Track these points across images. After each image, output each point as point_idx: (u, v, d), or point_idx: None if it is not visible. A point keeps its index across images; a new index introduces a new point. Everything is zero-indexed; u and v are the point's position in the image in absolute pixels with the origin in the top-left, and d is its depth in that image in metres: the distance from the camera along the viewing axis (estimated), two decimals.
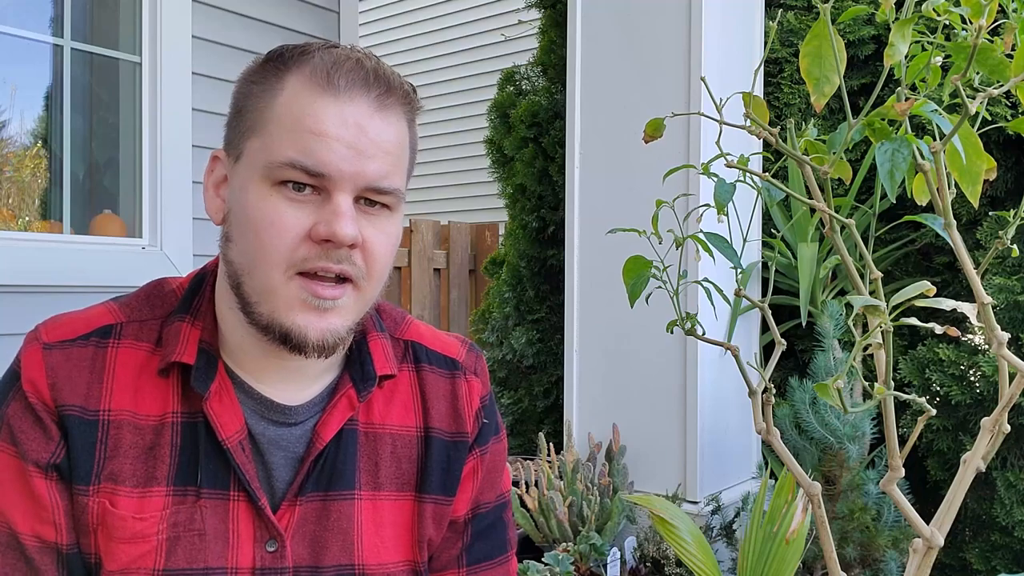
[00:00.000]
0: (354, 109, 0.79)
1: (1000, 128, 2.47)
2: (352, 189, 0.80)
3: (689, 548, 1.86)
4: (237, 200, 0.82)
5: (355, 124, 0.79)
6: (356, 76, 0.80)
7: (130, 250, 2.81)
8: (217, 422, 0.84)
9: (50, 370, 0.82)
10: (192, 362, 0.84)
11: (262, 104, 0.81)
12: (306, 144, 0.78)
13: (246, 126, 0.83)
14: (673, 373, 2.60)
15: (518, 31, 5.77)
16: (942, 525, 0.97)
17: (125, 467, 0.83)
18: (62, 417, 0.82)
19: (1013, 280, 2.46)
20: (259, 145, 0.81)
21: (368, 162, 0.79)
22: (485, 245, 4.71)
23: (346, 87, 0.79)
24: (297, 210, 0.79)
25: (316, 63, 0.80)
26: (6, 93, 2.77)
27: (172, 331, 0.86)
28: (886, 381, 0.89)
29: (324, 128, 0.78)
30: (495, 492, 1.01)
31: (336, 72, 0.79)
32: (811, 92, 0.86)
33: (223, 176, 0.87)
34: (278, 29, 3.23)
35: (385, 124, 0.81)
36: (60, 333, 0.84)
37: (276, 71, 0.82)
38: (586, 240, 2.79)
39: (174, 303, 0.89)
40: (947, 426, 2.58)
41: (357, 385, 0.90)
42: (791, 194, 0.95)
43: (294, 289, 0.80)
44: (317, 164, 0.78)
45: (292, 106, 0.79)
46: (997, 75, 0.87)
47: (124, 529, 0.82)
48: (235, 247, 0.83)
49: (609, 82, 2.75)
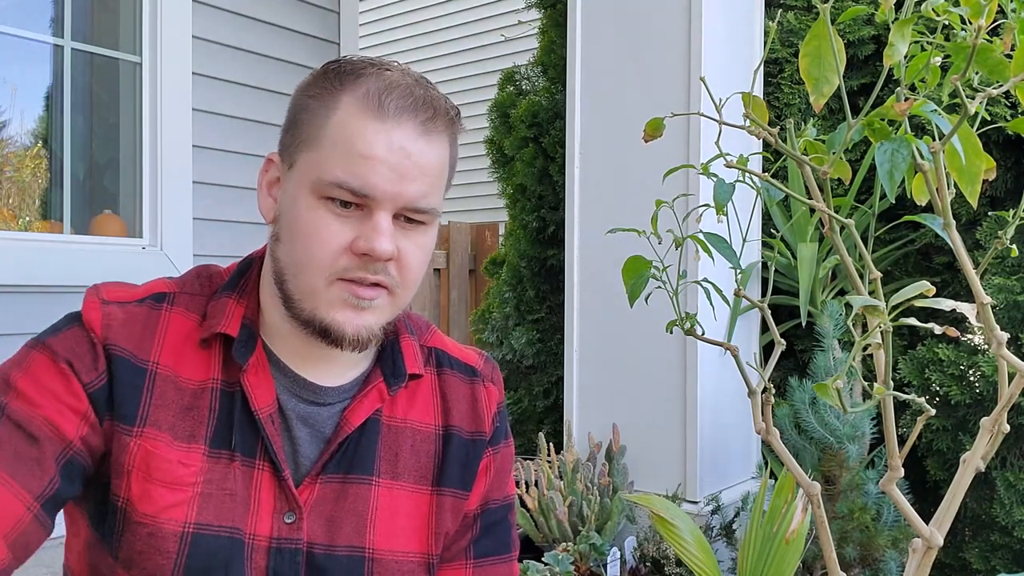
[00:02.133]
0: (400, 133, 0.85)
1: (1000, 128, 2.47)
2: (392, 208, 0.86)
3: (689, 548, 1.86)
4: (288, 206, 0.89)
5: (400, 148, 0.85)
6: (405, 102, 0.86)
7: (130, 250, 2.81)
8: (252, 393, 0.89)
9: (107, 316, 0.89)
10: (235, 334, 0.90)
11: (318, 120, 0.87)
12: (355, 167, 0.84)
13: (301, 138, 0.89)
14: (673, 373, 2.60)
15: (518, 31, 5.77)
16: (941, 525, 0.97)
17: (169, 419, 0.88)
18: (111, 357, 0.87)
19: (1012, 280, 2.46)
20: (312, 159, 0.87)
21: (409, 184, 0.85)
22: (485, 245, 4.71)
23: (395, 112, 0.85)
24: (341, 224, 0.85)
25: (369, 86, 0.86)
26: (7, 93, 2.77)
27: (219, 305, 0.92)
28: (885, 381, 0.89)
29: (372, 151, 0.84)
30: (503, 492, 1.06)
31: (388, 97, 0.85)
32: (810, 92, 0.86)
33: (276, 178, 0.93)
34: (278, 29, 3.23)
35: (428, 147, 0.87)
36: (119, 295, 0.91)
37: (332, 89, 0.88)
38: (586, 240, 2.79)
39: (219, 283, 0.96)
40: (947, 426, 2.58)
41: (388, 379, 0.96)
42: (791, 194, 0.95)
43: (335, 291, 0.86)
44: (363, 187, 0.84)
45: (345, 127, 0.85)
46: (996, 75, 0.87)
47: (168, 472, 0.86)
48: (283, 247, 0.89)
49: (609, 82, 2.75)
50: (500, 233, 4.57)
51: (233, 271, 0.96)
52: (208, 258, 0.99)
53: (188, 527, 0.86)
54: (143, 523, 0.85)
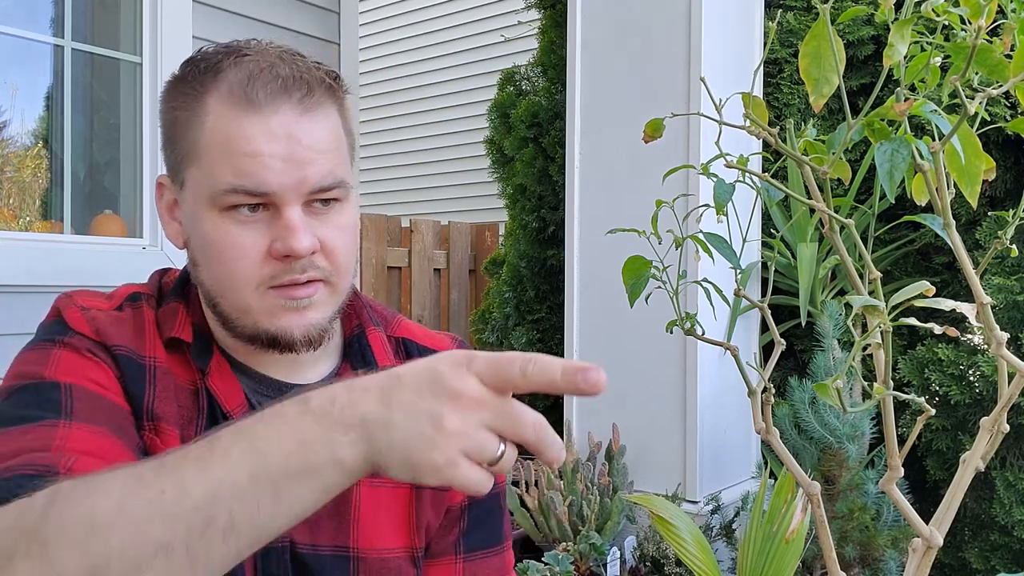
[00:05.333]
0: (280, 120, 0.79)
1: (999, 128, 2.47)
2: (298, 198, 0.81)
3: (689, 548, 1.86)
4: (193, 228, 0.85)
5: (285, 135, 0.79)
6: (275, 86, 0.80)
7: (130, 250, 2.81)
8: (220, 396, 0.87)
9: (93, 322, 0.85)
10: (189, 340, 0.87)
11: (191, 132, 0.82)
12: (242, 167, 0.79)
13: (181, 155, 0.84)
14: (673, 373, 2.60)
15: (518, 31, 5.77)
16: (941, 525, 0.97)
17: (171, 410, 0.85)
18: (115, 355, 0.84)
19: (1012, 280, 2.46)
20: (199, 174, 0.82)
21: (307, 168, 0.80)
22: (485, 245, 4.71)
23: (267, 99, 0.79)
24: (251, 232, 0.81)
25: (231, 79, 0.81)
26: (7, 93, 2.77)
27: (169, 310, 0.89)
28: (885, 381, 0.89)
29: (256, 147, 0.79)
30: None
31: (252, 86, 0.80)
32: (810, 92, 0.86)
33: (173, 200, 0.89)
34: (278, 29, 3.23)
35: (314, 124, 0.81)
36: (94, 304, 0.87)
37: (194, 94, 0.83)
38: (586, 240, 2.79)
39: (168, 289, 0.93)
40: (946, 426, 2.58)
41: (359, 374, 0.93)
42: (790, 194, 0.96)
43: (269, 299, 0.82)
44: (258, 185, 0.79)
45: (219, 131, 0.80)
46: (996, 75, 0.87)
47: None
48: (202, 271, 0.85)
49: (609, 82, 2.75)
50: (500, 233, 4.57)
51: (177, 277, 0.93)
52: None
53: None
54: None
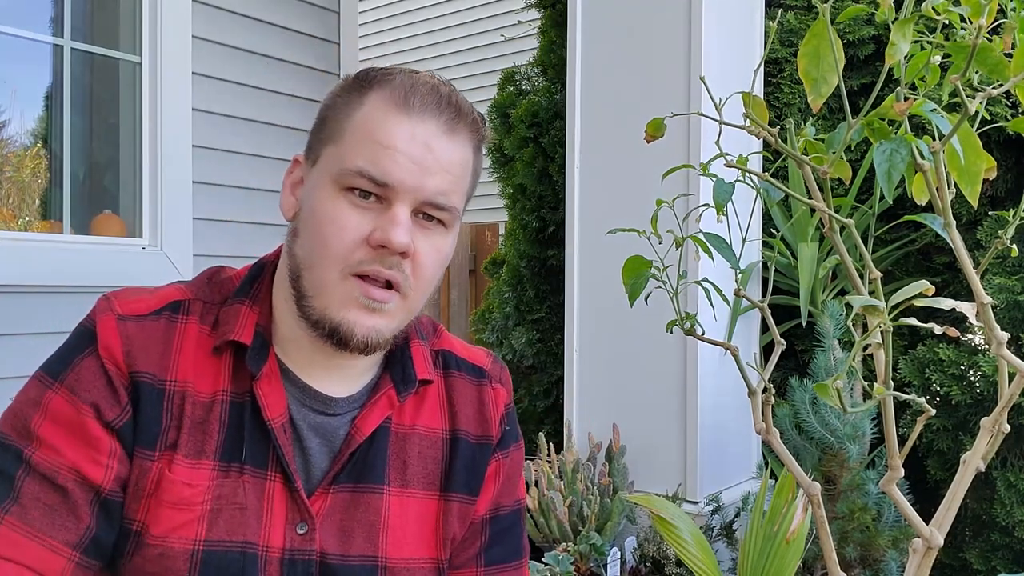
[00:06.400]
0: (424, 128, 0.86)
1: (1000, 128, 2.47)
2: (411, 202, 0.86)
3: (689, 548, 1.86)
4: (308, 199, 0.89)
5: (423, 142, 0.85)
6: (430, 99, 0.87)
7: (130, 250, 2.81)
8: (264, 402, 0.88)
9: (126, 339, 0.86)
10: (249, 342, 0.89)
11: (343, 116, 0.88)
12: (376, 155, 0.84)
13: (326, 135, 0.89)
14: (673, 373, 2.60)
15: (518, 31, 5.76)
16: (942, 525, 0.97)
17: (183, 437, 0.87)
18: (136, 384, 0.86)
19: (1013, 280, 2.46)
20: (335, 152, 0.87)
21: (430, 178, 0.85)
22: (485, 245, 4.71)
23: (419, 108, 0.86)
24: (360, 215, 0.85)
25: (396, 84, 0.87)
26: (6, 93, 2.77)
27: (231, 312, 0.91)
28: (886, 381, 0.89)
29: (394, 142, 0.84)
30: (513, 497, 1.05)
31: (413, 94, 0.86)
32: (808, 92, 0.86)
33: (300, 178, 0.93)
34: (278, 29, 3.22)
35: (451, 146, 0.87)
36: (134, 308, 0.89)
37: (360, 88, 0.89)
38: (586, 240, 2.79)
39: (231, 289, 0.94)
40: (947, 426, 2.58)
41: (398, 386, 0.95)
42: (791, 194, 0.95)
43: (348, 287, 0.85)
44: (383, 174, 0.84)
45: (369, 120, 0.86)
46: (997, 75, 0.87)
47: (172, 493, 0.85)
48: (300, 242, 0.89)
49: (609, 82, 2.75)
50: (500, 233, 4.57)
51: (245, 276, 0.95)
52: (208, 258, 0.97)
53: (199, 544, 0.85)
54: (154, 545, 0.84)
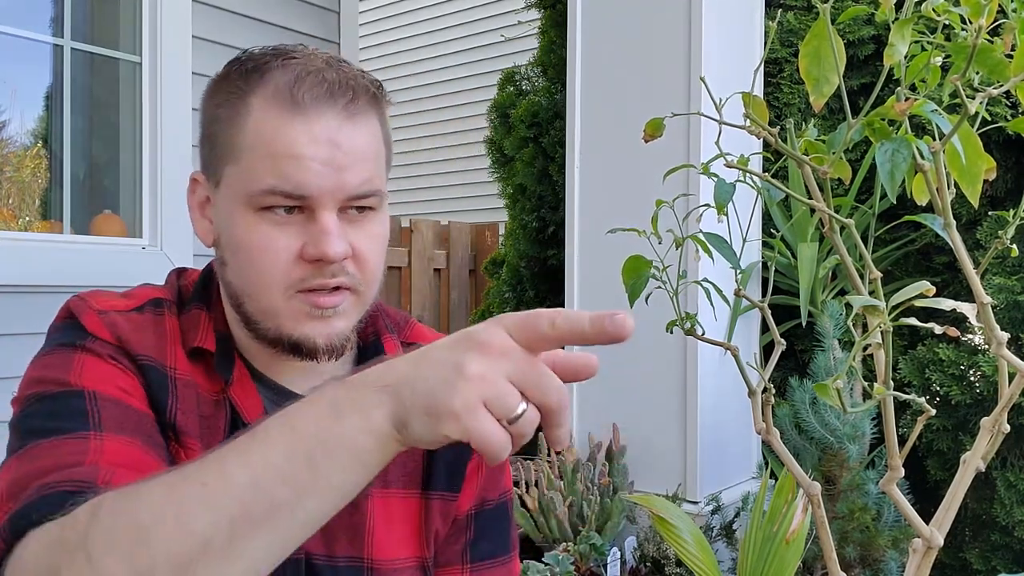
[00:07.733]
0: (323, 124, 0.79)
1: (1000, 128, 2.47)
2: (334, 204, 0.80)
3: (689, 548, 1.86)
4: (225, 226, 0.84)
5: (327, 140, 0.79)
6: (319, 90, 0.80)
7: (130, 250, 2.81)
8: (242, 407, 0.86)
9: (113, 327, 0.83)
10: (213, 349, 0.86)
11: (232, 130, 0.82)
12: (282, 169, 0.78)
13: (220, 152, 0.83)
14: (673, 373, 2.60)
15: (518, 31, 5.76)
16: (942, 525, 0.97)
17: (191, 424, 0.83)
18: (139, 363, 0.82)
19: (1013, 280, 2.46)
20: (236, 172, 0.81)
21: (346, 174, 0.80)
22: (485, 245, 4.71)
23: (312, 102, 0.79)
24: (286, 234, 0.80)
25: (277, 81, 0.80)
26: (6, 93, 2.77)
27: (191, 318, 0.88)
28: (886, 381, 0.89)
29: (296, 149, 0.78)
30: (498, 490, 1.02)
31: (298, 89, 0.79)
32: (810, 92, 0.86)
33: (205, 197, 0.88)
34: (278, 29, 3.22)
35: (356, 131, 0.81)
36: (112, 305, 0.85)
37: (238, 92, 0.82)
38: (586, 240, 2.79)
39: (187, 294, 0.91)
40: (947, 426, 2.58)
41: None
42: (791, 194, 0.95)
43: (296, 304, 0.82)
44: (297, 187, 0.79)
45: (262, 132, 0.80)
46: (997, 75, 0.87)
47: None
48: (231, 271, 0.84)
49: (609, 82, 2.75)
50: (500, 233, 4.57)
51: (196, 280, 0.91)
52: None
53: None
54: None
